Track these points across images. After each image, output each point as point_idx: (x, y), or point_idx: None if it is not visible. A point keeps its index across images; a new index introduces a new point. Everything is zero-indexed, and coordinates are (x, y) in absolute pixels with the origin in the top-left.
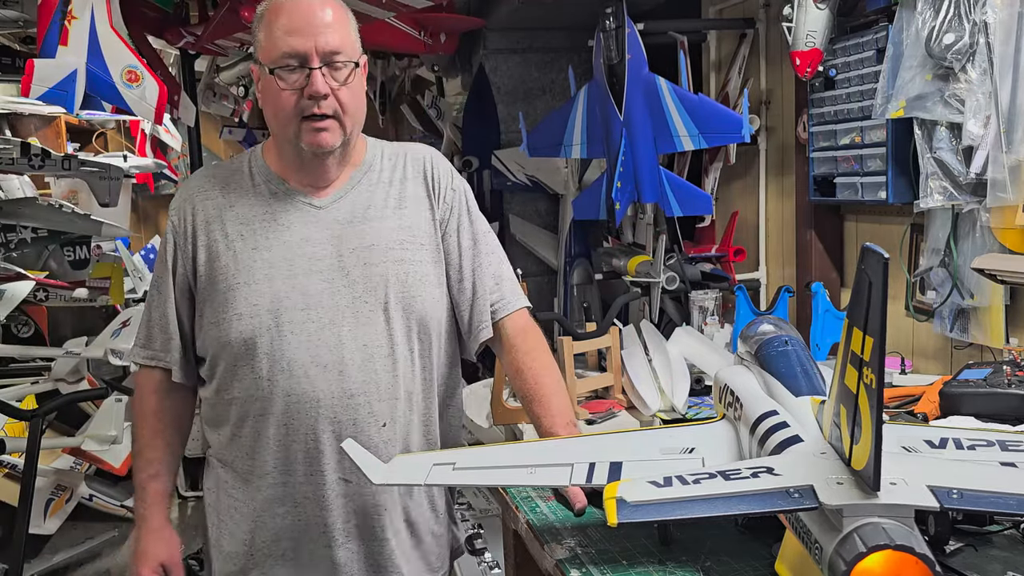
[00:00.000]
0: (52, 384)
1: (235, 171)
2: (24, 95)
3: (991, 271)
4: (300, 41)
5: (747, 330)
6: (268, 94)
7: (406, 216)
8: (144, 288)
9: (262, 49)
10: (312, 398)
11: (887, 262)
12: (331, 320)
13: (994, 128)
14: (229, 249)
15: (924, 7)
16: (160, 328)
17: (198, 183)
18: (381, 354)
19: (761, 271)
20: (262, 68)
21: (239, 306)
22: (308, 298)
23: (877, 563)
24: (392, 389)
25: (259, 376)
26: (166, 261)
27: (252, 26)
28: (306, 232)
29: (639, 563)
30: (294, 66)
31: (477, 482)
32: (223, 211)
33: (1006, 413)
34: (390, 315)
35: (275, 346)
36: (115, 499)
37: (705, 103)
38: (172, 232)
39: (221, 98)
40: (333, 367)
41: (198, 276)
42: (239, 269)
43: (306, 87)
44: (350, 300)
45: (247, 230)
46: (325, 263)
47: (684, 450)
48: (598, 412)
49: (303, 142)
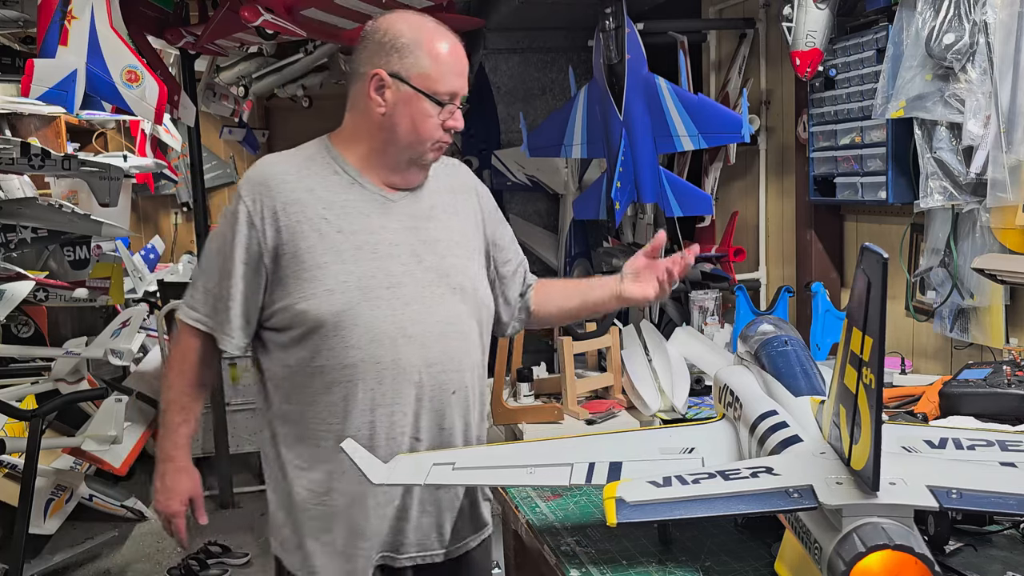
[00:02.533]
0: (52, 384)
1: (309, 159)
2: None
3: (991, 271)
4: (459, 83)
5: (747, 330)
6: (409, 112)
7: (460, 223)
8: (144, 288)
9: (421, 74)
10: (399, 366)
11: (887, 262)
12: (412, 298)
13: (994, 128)
14: (315, 230)
15: (924, 7)
16: (221, 301)
17: (272, 169)
18: (453, 331)
19: (761, 271)
20: (402, 84)
21: (329, 282)
22: (391, 277)
23: (876, 563)
24: (462, 361)
25: (349, 346)
26: (233, 239)
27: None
28: (383, 221)
29: (639, 563)
30: (446, 101)
31: (477, 482)
32: (304, 195)
33: (1006, 413)
34: (457, 298)
35: (365, 319)
36: (115, 499)
37: (705, 103)
38: (245, 212)
39: (221, 98)
40: (417, 339)
41: (279, 255)
42: (327, 248)
43: (448, 120)
44: (426, 283)
45: (331, 213)
46: (402, 249)
47: (684, 450)
48: (598, 412)
49: (427, 159)
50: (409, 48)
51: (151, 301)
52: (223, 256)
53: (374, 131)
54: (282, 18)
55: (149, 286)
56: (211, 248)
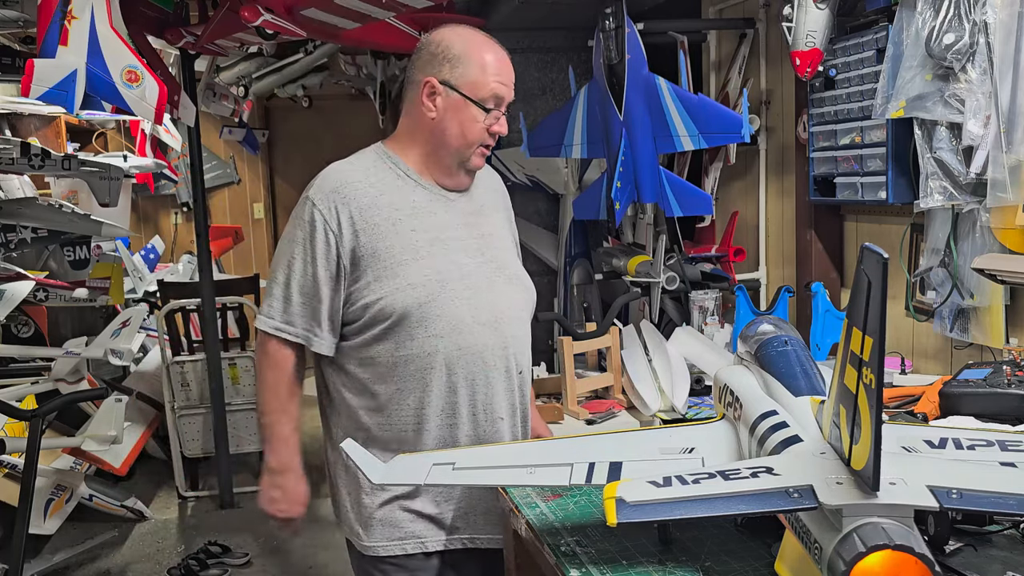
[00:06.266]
0: (52, 384)
1: (372, 166)
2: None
3: (991, 271)
4: (504, 90)
5: (747, 330)
6: (458, 117)
7: (502, 220)
8: (144, 288)
9: (469, 82)
10: (477, 350)
11: (887, 262)
12: (481, 287)
13: (994, 128)
14: (392, 231)
15: (924, 7)
16: (309, 308)
17: (342, 177)
18: (516, 316)
19: (761, 271)
20: (452, 91)
21: (411, 277)
22: (462, 269)
23: (876, 563)
24: (523, 344)
25: (432, 334)
26: (312, 244)
27: (444, 49)
28: (447, 218)
29: (639, 563)
30: (492, 107)
31: (477, 482)
32: (376, 199)
33: (1006, 413)
34: (514, 287)
35: (445, 308)
36: (115, 499)
37: (705, 103)
38: (321, 220)
39: (221, 98)
40: (490, 324)
41: (357, 256)
42: (404, 247)
43: (493, 125)
44: (489, 272)
45: (402, 215)
46: (466, 243)
47: (684, 450)
48: (598, 412)
49: (473, 162)
50: (459, 58)
51: (151, 301)
52: (304, 263)
53: (427, 135)
54: (282, 18)
55: (149, 286)
56: (285, 256)
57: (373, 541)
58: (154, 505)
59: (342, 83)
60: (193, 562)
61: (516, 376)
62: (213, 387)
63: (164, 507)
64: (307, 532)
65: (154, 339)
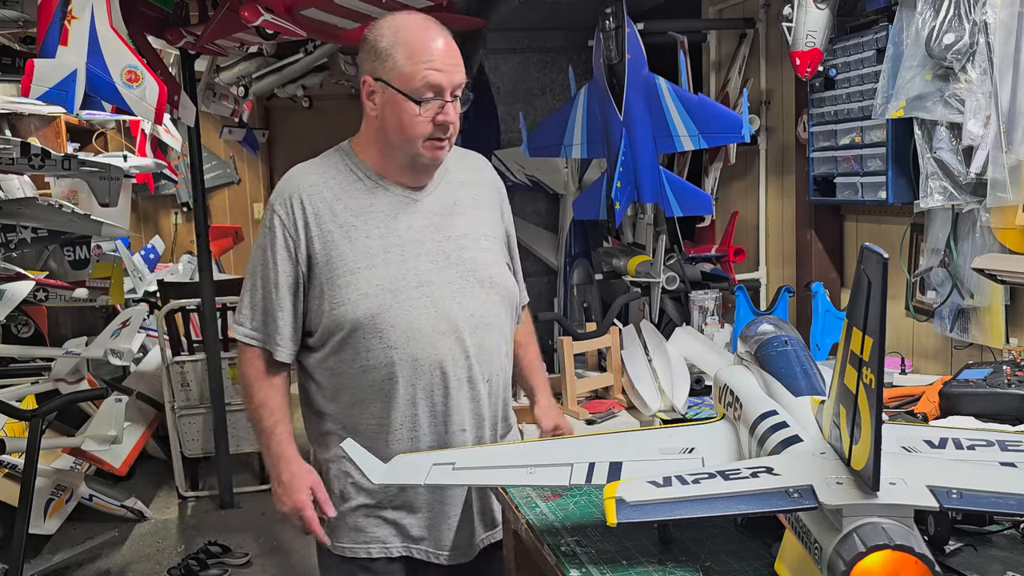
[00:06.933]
0: (52, 384)
1: (333, 168)
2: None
3: (991, 271)
4: (442, 77)
5: (747, 330)
6: (395, 112)
7: (483, 215)
8: (144, 288)
9: (399, 75)
10: (436, 360)
11: (887, 262)
12: (442, 294)
13: (994, 128)
14: (345, 237)
15: (924, 7)
16: (268, 314)
17: (300, 180)
18: (484, 323)
19: (761, 271)
20: (386, 86)
21: (362, 287)
22: (420, 276)
23: (876, 563)
24: (493, 351)
25: (388, 345)
26: (273, 251)
27: (374, 43)
28: (409, 221)
29: (639, 563)
30: (431, 97)
31: (477, 482)
32: (332, 204)
33: (1006, 413)
34: (486, 291)
35: (399, 318)
36: (115, 499)
37: (705, 103)
38: (280, 225)
39: (221, 98)
40: (450, 333)
41: (313, 263)
42: (357, 255)
43: (438, 115)
44: (453, 277)
45: (359, 220)
46: (429, 247)
47: (684, 450)
48: (598, 412)
49: (425, 158)
50: (387, 51)
51: (151, 301)
52: (264, 269)
53: (375, 135)
54: (282, 18)
55: (149, 286)
56: (253, 263)
57: (340, 543)
58: (154, 505)
59: (342, 83)
60: (193, 562)
61: (483, 384)
62: (213, 387)
63: (164, 507)
64: None
65: (154, 339)
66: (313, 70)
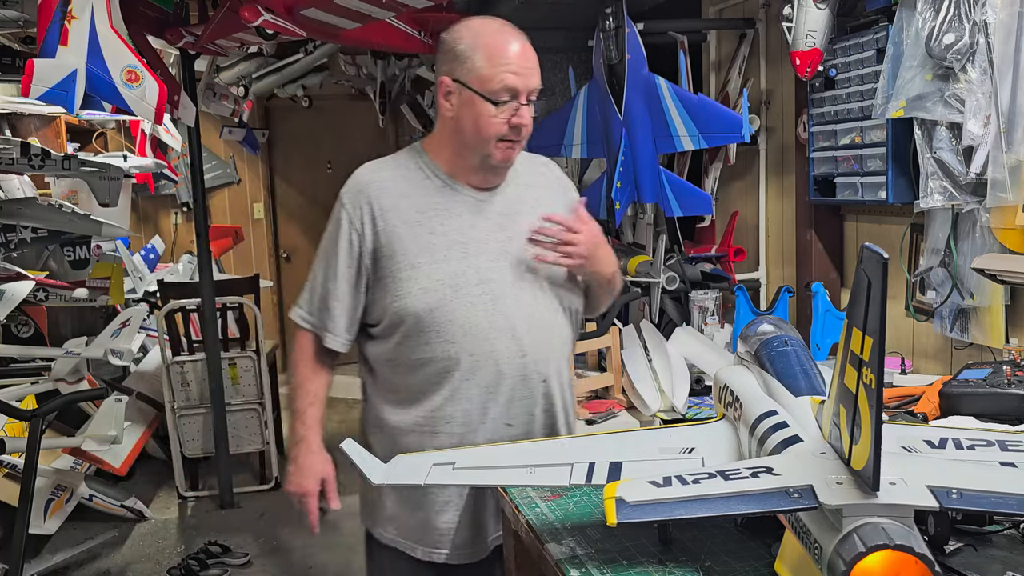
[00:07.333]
0: (52, 384)
1: (403, 166)
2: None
3: (991, 271)
4: (518, 80)
5: (747, 330)
6: (472, 113)
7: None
8: (144, 288)
9: (478, 76)
10: (492, 357)
11: (887, 262)
12: (501, 293)
13: (994, 128)
14: (410, 232)
15: (924, 7)
16: (325, 302)
17: (369, 177)
18: (541, 323)
19: (761, 271)
20: (464, 87)
21: (423, 281)
22: (480, 274)
23: (876, 563)
24: (550, 351)
25: (444, 340)
26: (337, 243)
27: (453, 46)
28: (474, 220)
29: (639, 563)
30: (507, 100)
31: (477, 482)
32: (399, 201)
33: (1006, 413)
34: (545, 292)
35: (457, 314)
36: (115, 499)
37: (705, 103)
38: (346, 219)
39: (221, 98)
40: (507, 331)
41: (377, 257)
42: (420, 250)
43: (513, 117)
44: (514, 278)
45: (424, 217)
46: (492, 246)
47: (684, 450)
48: (598, 412)
49: (496, 158)
50: (466, 53)
51: (151, 301)
52: (327, 259)
53: (449, 135)
54: (282, 18)
55: (149, 286)
56: (320, 251)
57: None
58: (154, 505)
59: (342, 83)
60: (193, 562)
61: (538, 384)
62: (213, 387)
63: (164, 507)
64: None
65: (154, 339)
66: (313, 70)
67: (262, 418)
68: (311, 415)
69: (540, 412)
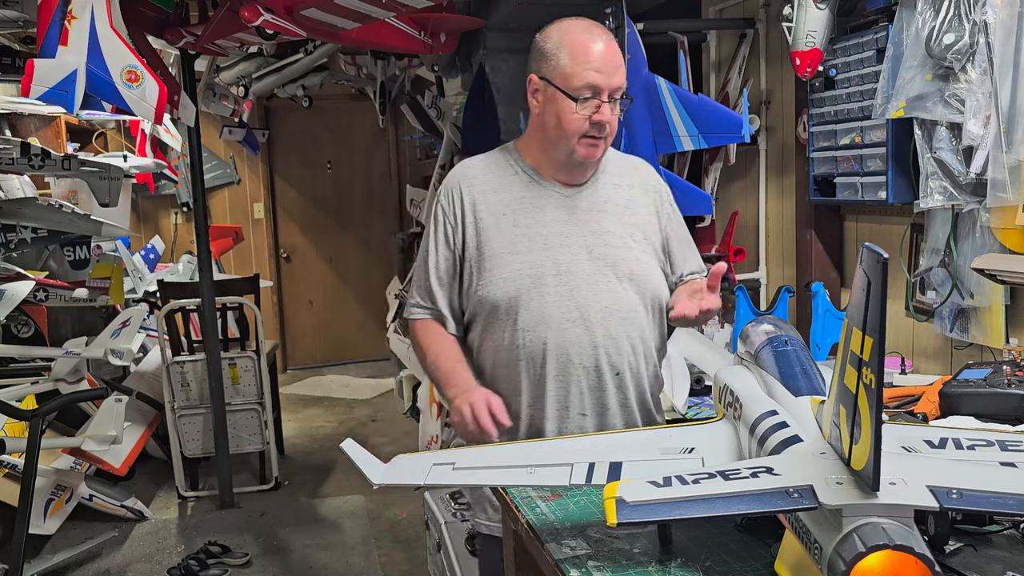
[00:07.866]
0: (52, 384)
1: (495, 164)
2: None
3: (991, 271)
4: (600, 78)
5: (747, 330)
6: (554, 109)
7: (636, 216)
8: (144, 288)
9: (561, 74)
10: (564, 347)
11: (887, 262)
12: (578, 285)
13: (994, 128)
14: (495, 225)
15: (924, 7)
16: (431, 293)
17: (462, 172)
18: (617, 316)
19: (761, 271)
20: (548, 84)
21: (504, 271)
22: (559, 266)
23: (876, 563)
24: (624, 345)
25: (520, 328)
26: (435, 237)
27: (541, 45)
28: (557, 214)
29: (639, 563)
30: (588, 97)
31: (477, 482)
32: (488, 195)
33: (1006, 413)
34: (624, 286)
35: (535, 304)
36: (115, 499)
37: (705, 103)
38: (442, 213)
39: (221, 98)
40: (580, 322)
41: (467, 247)
42: (503, 241)
43: (594, 114)
44: (592, 271)
45: (509, 210)
46: (572, 240)
47: (684, 450)
48: None
49: (579, 154)
50: (552, 51)
51: (151, 301)
52: (426, 253)
53: (536, 131)
54: (282, 18)
55: (149, 286)
56: (421, 248)
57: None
58: (154, 505)
59: (342, 83)
60: (193, 562)
61: (612, 377)
62: (213, 387)
63: (164, 507)
64: (307, 532)
65: (154, 339)
66: (313, 70)
67: (262, 418)
68: (461, 369)
69: (616, 404)
